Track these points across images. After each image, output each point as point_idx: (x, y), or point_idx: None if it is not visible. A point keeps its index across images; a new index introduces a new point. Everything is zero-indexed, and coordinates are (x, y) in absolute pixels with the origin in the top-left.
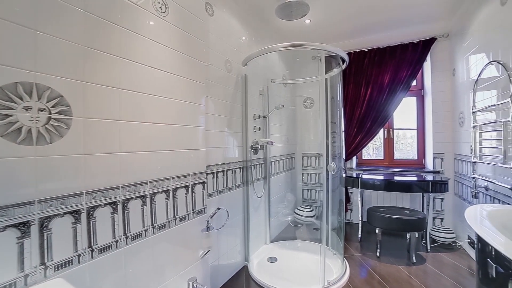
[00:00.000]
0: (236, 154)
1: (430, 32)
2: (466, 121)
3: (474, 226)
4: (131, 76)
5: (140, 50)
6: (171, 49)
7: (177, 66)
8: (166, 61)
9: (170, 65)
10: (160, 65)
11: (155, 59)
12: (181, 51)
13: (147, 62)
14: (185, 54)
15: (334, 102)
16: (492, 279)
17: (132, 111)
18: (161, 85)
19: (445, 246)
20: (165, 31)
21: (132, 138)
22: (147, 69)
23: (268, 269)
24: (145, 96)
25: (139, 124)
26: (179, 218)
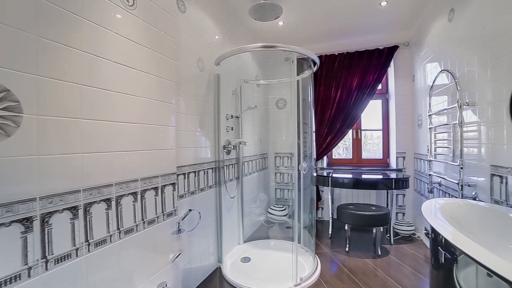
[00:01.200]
0: (208, 154)
1: (393, 40)
2: (423, 123)
3: (428, 219)
4: (94, 72)
5: (105, 45)
6: (139, 45)
7: (145, 63)
8: (134, 57)
9: (137, 62)
10: (127, 61)
11: (122, 55)
12: (150, 47)
13: (113, 57)
14: (154, 50)
15: (305, 103)
16: (442, 264)
17: (96, 109)
18: (128, 83)
19: (406, 238)
20: (133, 26)
21: (96, 138)
22: (113, 65)
23: (242, 269)
24: (110, 94)
25: (104, 123)
26: (148, 221)
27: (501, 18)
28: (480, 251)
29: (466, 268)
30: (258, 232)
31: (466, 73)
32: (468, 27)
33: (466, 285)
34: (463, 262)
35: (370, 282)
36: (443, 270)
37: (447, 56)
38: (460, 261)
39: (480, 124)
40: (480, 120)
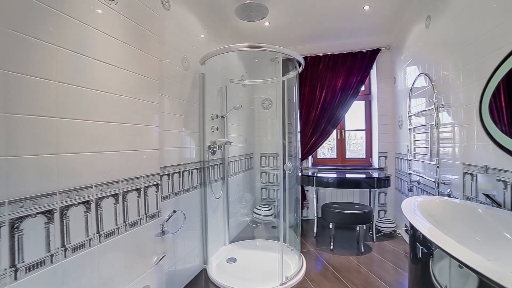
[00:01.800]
0: (193, 155)
1: (375, 44)
2: (404, 124)
3: (408, 216)
4: (72, 68)
5: (84, 41)
6: (120, 41)
7: (127, 61)
8: (115, 54)
9: (119, 59)
10: (107, 58)
11: (102, 52)
12: (132, 44)
13: (92, 54)
14: (137, 48)
15: (290, 103)
16: (419, 258)
17: (74, 107)
18: (108, 80)
19: (387, 235)
20: (114, 22)
21: (74, 137)
22: (92, 62)
23: (228, 270)
24: (89, 92)
25: (82, 123)
26: (130, 223)
27: (470, 28)
28: (452, 245)
29: (441, 261)
30: (244, 233)
31: (441, 76)
32: (443, 34)
33: (440, 277)
34: (438, 256)
35: (354, 279)
36: (421, 264)
37: (425, 60)
38: (436, 255)
39: (454, 125)
40: (454, 121)
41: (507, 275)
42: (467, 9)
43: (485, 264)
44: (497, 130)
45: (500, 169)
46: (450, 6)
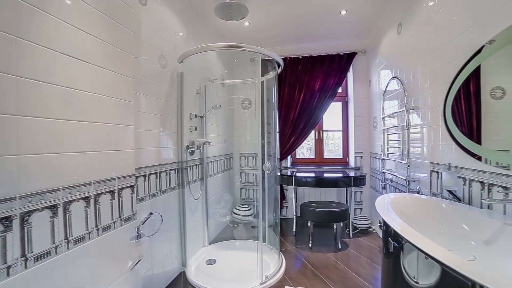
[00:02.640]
0: (171, 155)
1: (352, 47)
2: (378, 125)
3: (381, 213)
4: (35, 62)
5: (50, 33)
6: (92, 36)
7: (100, 57)
8: (86, 49)
9: (90, 55)
10: (77, 53)
11: (71, 46)
12: (105, 40)
13: (59, 48)
14: (111, 44)
15: (270, 104)
16: (391, 252)
17: (38, 105)
18: (78, 77)
19: (363, 231)
20: (85, 15)
21: (38, 137)
22: (59, 56)
23: (207, 272)
24: (56, 88)
25: (48, 121)
26: (102, 227)
27: (435, 37)
28: (419, 238)
29: (410, 254)
30: (223, 233)
31: (412, 80)
32: (412, 41)
33: (409, 269)
34: (408, 249)
35: (332, 275)
36: (392, 258)
37: (397, 65)
38: (406, 248)
39: (422, 126)
40: (423, 123)
41: (464, 263)
42: (433, 20)
43: (446, 254)
44: (458, 131)
45: (460, 167)
46: (418, 15)
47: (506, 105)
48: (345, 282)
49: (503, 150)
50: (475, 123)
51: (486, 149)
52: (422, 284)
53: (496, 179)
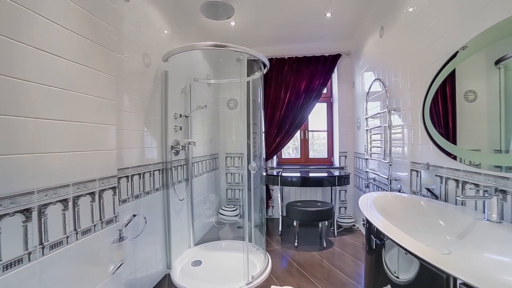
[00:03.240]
0: (155, 155)
1: (337, 49)
2: (362, 125)
3: (364, 211)
4: (7, 58)
5: (24, 27)
6: (70, 31)
7: (79, 53)
8: (63, 45)
9: (68, 50)
10: (54, 49)
11: (47, 41)
12: (85, 36)
13: (34, 42)
14: (91, 40)
15: (255, 104)
16: (373, 249)
17: (9, 103)
18: (55, 74)
19: (347, 229)
20: (62, 8)
21: (9, 137)
22: (34, 52)
23: (193, 274)
24: (30, 85)
25: (21, 120)
26: (82, 231)
27: (415, 41)
28: (400, 235)
29: (391, 250)
30: (209, 234)
31: (393, 83)
32: (394, 44)
33: (391, 264)
34: (389, 246)
35: (317, 273)
36: (375, 254)
37: (379, 67)
38: (387, 245)
39: (403, 127)
40: (404, 123)
41: (439, 256)
42: (412, 25)
43: (423, 249)
44: (436, 132)
45: (438, 166)
46: (399, 20)
47: (477, 108)
48: (330, 279)
49: (475, 150)
50: (451, 124)
51: (461, 148)
52: (402, 278)
53: (469, 177)
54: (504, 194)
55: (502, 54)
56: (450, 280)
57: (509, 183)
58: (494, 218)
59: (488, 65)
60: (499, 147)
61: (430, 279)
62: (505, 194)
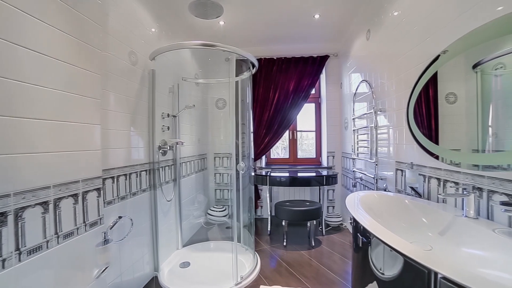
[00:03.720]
0: (142, 156)
1: (325, 50)
2: (349, 126)
3: (351, 210)
4: None
5: (2, 22)
6: (52, 27)
7: (61, 50)
8: (45, 41)
9: (50, 47)
10: (34, 45)
11: (27, 37)
12: (68, 32)
13: (13, 38)
14: (74, 37)
15: (244, 104)
16: (360, 247)
17: None
18: (35, 70)
19: (335, 228)
20: (43, 3)
21: None
22: (12, 47)
23: (181, 275)
24: (9, 83)
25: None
26: (64, 234)
27: (399, 44)
28: (385, 233)
29: (377, 248)
30: (197, 235)
31: (379, 84)
32: (380, 47)
33: (376, 261)
34: (375, 243)
35: (306, 272)
36: (361, 252)
37: (366, 69)
38: (373, 242)
39: (389, 127)
40: (389, 124)
41: (422, 253)
42: (397, 28)
43: (406, 246)
44: (419, 132)
45: (421, 165)
46: (385, 23)
47: (457, 110)
48: (318, 278)
49: (456, 150)
50: (434, 125)
51: (442, 148)
52: (388, 275)
53: (449, 175)
54: (480, 191)
55: (479, 59)
56: (432, 275)
57: (484, 181)
58: (471, 215)
59: (467, 69)
60: (477, 147)
61: (414, 274)
62: (481, 192)
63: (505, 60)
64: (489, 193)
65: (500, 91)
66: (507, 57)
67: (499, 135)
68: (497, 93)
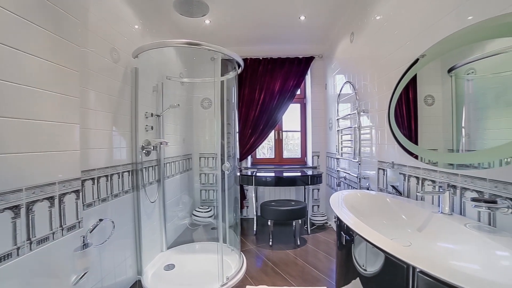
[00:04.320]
0: (124, 156)
1: (310, 52)
2: (333, 126)
3: (335, 209)
4: None
5: None
6: (27, 21)
7: (37, 44)
8: (18, 35)
9: (24, 41)
10: (6, 39)
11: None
12: (44, 26)
13: None
14: (49, 31)
15: (229, 104)
16: (344, 245)
17: None
18: (9, 66)
19: (320, 227)
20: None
21: None
22: None
23: (165, 278)
24: None
25: None
26: (37, 240)
27: (381, 48)
28: (366, 230)
29: (360, 245)
30: (182, 237)
31: (362, 86)
32: (363, 50)
33: (359, 258)
34: (358, 241)
35: (291, 271)
36: (345, 249)
37: (350, 70)
38: (356, 240)
39: (371, 128)
40: (372, 124)
41: (401, 249)
42: (379, 32)
43: (387, 243)
44: (400, 133)
45: (402, 164)
46: (368, 27)
47: (435, 111)
48: (304, 276)
49: (433, 149)
50: (413, 126)
51: (421, 148)
52: (370, 271)
53: (427, 174)
54: (454, 189)
55: (453, 63)
56: (410, 269)
57: (458, 179)
58: (446, 211)
59: (443, 73)
60: (452, 147)
61: (394, 269)
62: (455, 189)
63: (476, 66)
64: (462, 190)
65: (472, 95)
66: (477, 63)
67: (471, 136)
68: (469, 97)
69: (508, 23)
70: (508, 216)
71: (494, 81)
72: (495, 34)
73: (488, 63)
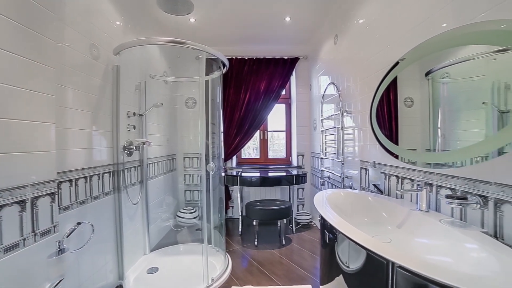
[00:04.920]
0: (105, 156)
1: (295, 53)
2: (317, 126)
3: (318, 208)
4: None
5: None
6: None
7: (6, 38)
8: None
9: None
10: None
11: None
12: (13, 18)
13: None
14: (22, 24)
15: (214, 103)
16: (327, 243)
17: None
18: None
19: (305, 226)
20: None
21: None
22: None
23: (148, 282)
24: None
25: None
26: (5, 248)
27: (363, 50)
28: (349, 228)
29: (343, 243)
30: (166, 238)
31: (345, 87)
32: (346, 52)
33: (342, 255)
34: (341, 239)
35: (276, 270)
36: (329, 248)
37: (334, 72)
38: (339, 238)
39: (354, 128)
40: (355, 125)
41: (381, 245)
42: (362, 35)
43: (368, 240)
44: (381, 133)
45: (383, 164)
46: (350, 30)
47: (414, 113)
48: (289, 275)
49: (412, 149)
50: (394, 127)
51: (401, 148)
52: (352, 267)
53: (406, 173)
54: (431, 186)
55: (430, 67)
56: (390, 264)
57: (434, 177)
58: (423, 208)
59: (421, 76)
60: (429, 147)
61: (375, 265)
62: (431, 187)
63: (450, 70)
64: (437, 188)
65: (447, 98)
66: (451, 67)
67: (446, 136)
68: (444, 99)
69: (477, 32)
70: (476, 211)
71: (465, 85)
72: (466, 41)
73: (460, 68)
